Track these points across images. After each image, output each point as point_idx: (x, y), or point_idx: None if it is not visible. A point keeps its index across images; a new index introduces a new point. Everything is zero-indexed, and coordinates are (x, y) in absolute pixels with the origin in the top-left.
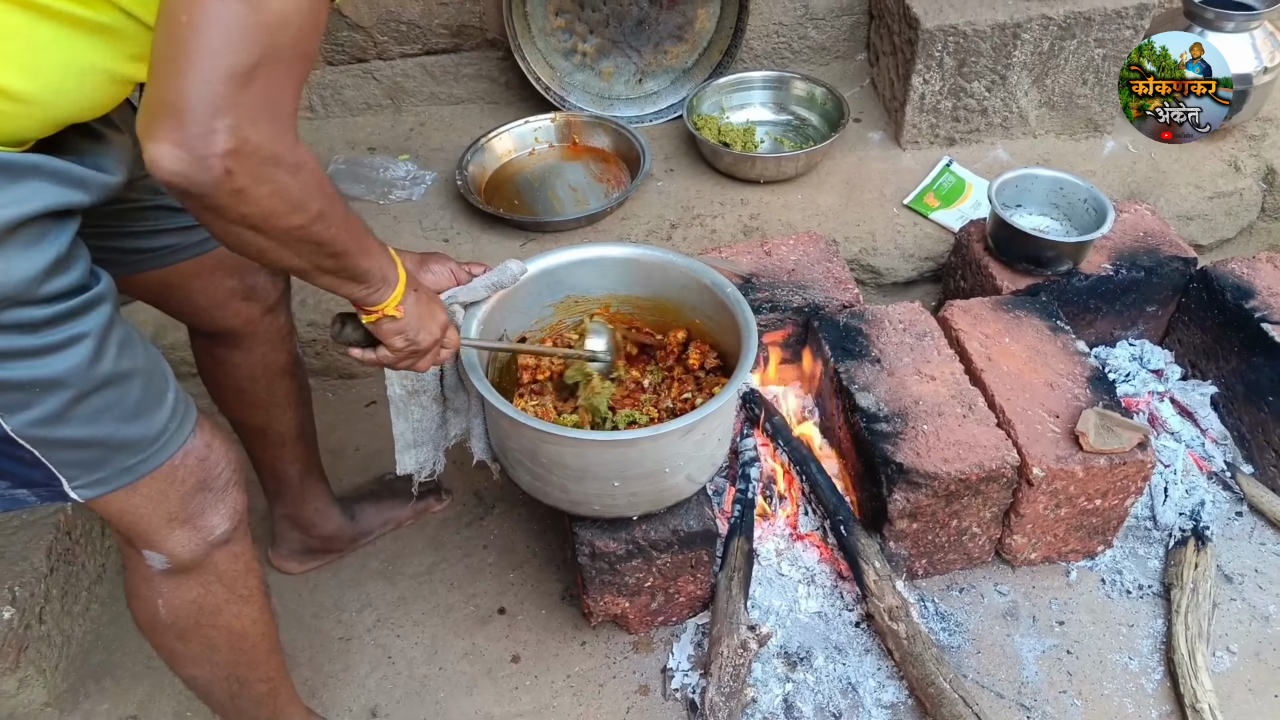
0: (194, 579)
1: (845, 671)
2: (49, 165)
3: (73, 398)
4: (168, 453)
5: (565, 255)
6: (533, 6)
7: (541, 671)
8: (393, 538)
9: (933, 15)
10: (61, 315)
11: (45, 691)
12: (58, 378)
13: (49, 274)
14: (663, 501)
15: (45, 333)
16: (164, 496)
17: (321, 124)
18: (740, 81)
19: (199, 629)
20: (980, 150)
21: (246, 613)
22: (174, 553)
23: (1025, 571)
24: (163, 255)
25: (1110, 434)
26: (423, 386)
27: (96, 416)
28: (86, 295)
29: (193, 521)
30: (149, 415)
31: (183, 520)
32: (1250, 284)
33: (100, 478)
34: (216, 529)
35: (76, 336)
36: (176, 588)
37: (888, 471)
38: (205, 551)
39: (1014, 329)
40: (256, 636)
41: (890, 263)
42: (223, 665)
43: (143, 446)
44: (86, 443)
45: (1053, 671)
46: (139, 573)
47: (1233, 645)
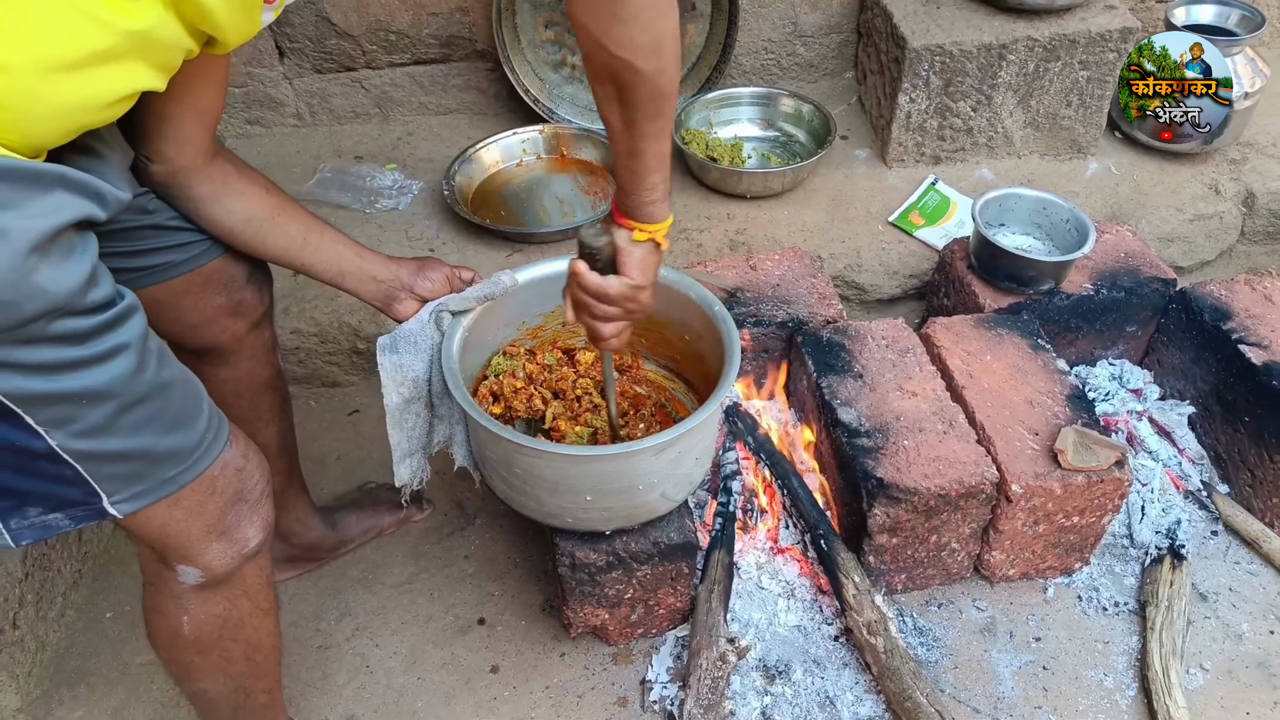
0: (223, 593)
1: (823, 685)
2: (72, 176)
3: (118, 408)
4: (206, 462)
5: (558, 265)
6: (523, 18)
7: (520, 682)
8: (373, 547)
9: (920, 35)
10: (105, 325)
11: (18, 697)
12: (104, 388)
13: (90, 284)
14: (637, 518)
15: (91, 343)
16: (203, 508)
17: (309, 131)
18: (728, 97)
19: (220, 643)
20: (965, 169)
21: (265, 625)
22: (210, 566)
23: (1003, 588)
24: (156, 273)
25: (1089, 452)
26: (417, 394)
27: (140, 427)
28: (121, 306)
29: (230, 534)
30: (188, 425)
31: (220, 532)
32: (1228, 306)
33: (141, 490)
34: (251, 541)
35: (120, 346)
36: (204, 603)
37: (868, 486)
38: (239, 564)
39: (995, 347)
40: (269, 648)
41: (874, 279)
42: (235, 677)
43: (183, 457)
44: (130, 455)
45: (1029, 687)
46: (167, 589)
47: (1206, 663)
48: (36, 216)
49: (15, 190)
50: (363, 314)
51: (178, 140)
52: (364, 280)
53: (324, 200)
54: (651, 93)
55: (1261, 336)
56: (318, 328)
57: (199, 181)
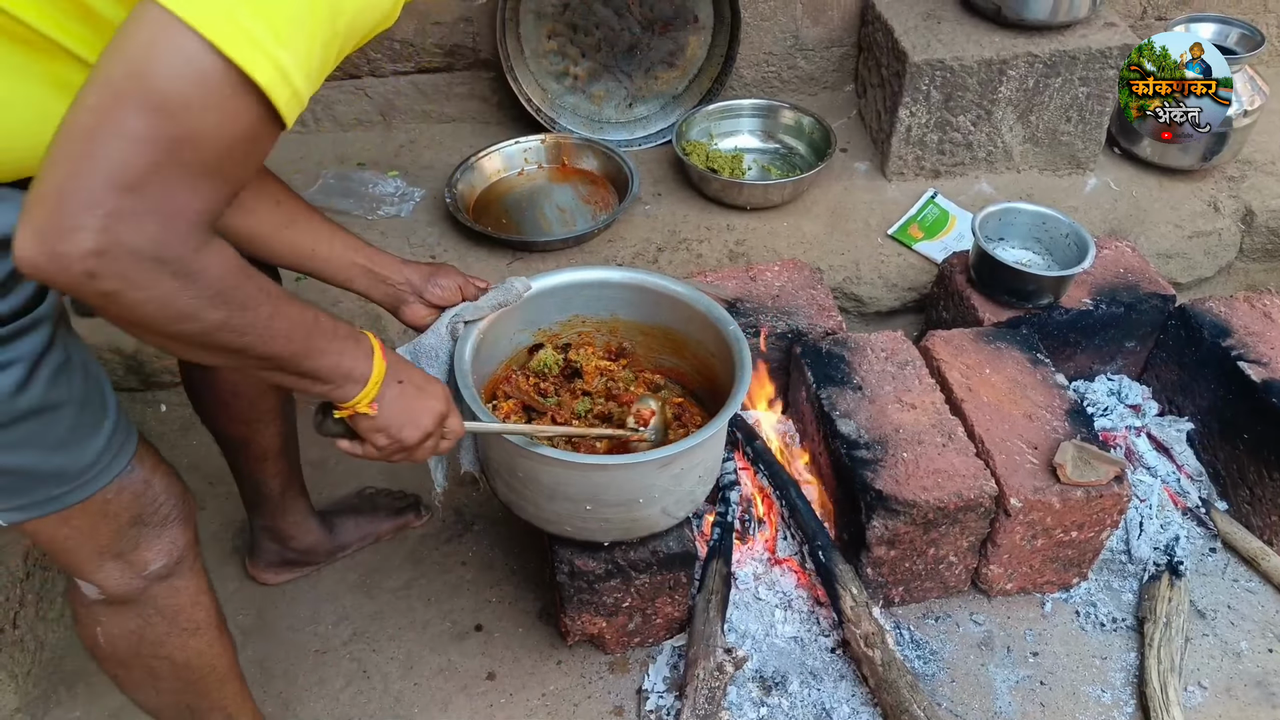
0: (131, 611)
1: (820, 697)
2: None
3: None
4: (97, 485)
5: (570, 274)
6: (526, 29)
7: (517, 689)
8: (371, 551)
9: (920, 49)
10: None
11: (16, 697)
12: None
13: None
14: (635, 531)
15: None
16: (94, 529)
17: (312, 138)
18: (729, 109)
19: (140, 658)
20: (964, 183)
21: (192, 645)
22: (105, 585)
23: (1001, 602)
24: None
25: (1088, 467)
26: None
27: (18, 446)
28: (23, 320)
29: (125, 556)
30: (79, 446)
31: (115, 554)
32: (1227, 323)
33: (22, 504)
34: (152, 564)
35: (4, 363)
36: (114, 617)
37: (867, 498)
38: (140, 586)
39: (995, 360)
40: (204, 668)
41: (874, 292)
42: (169, 693)
43: (69, 478)
44: (7, 470)
45: (1026, 702)
46: (78, 599)
47: (1204, 680)
48: None
49: None
50: (364, 319)
51: None
52: (372, 283)
53: (326, 206)
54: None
55: (1261, 354)
56: None
57: None
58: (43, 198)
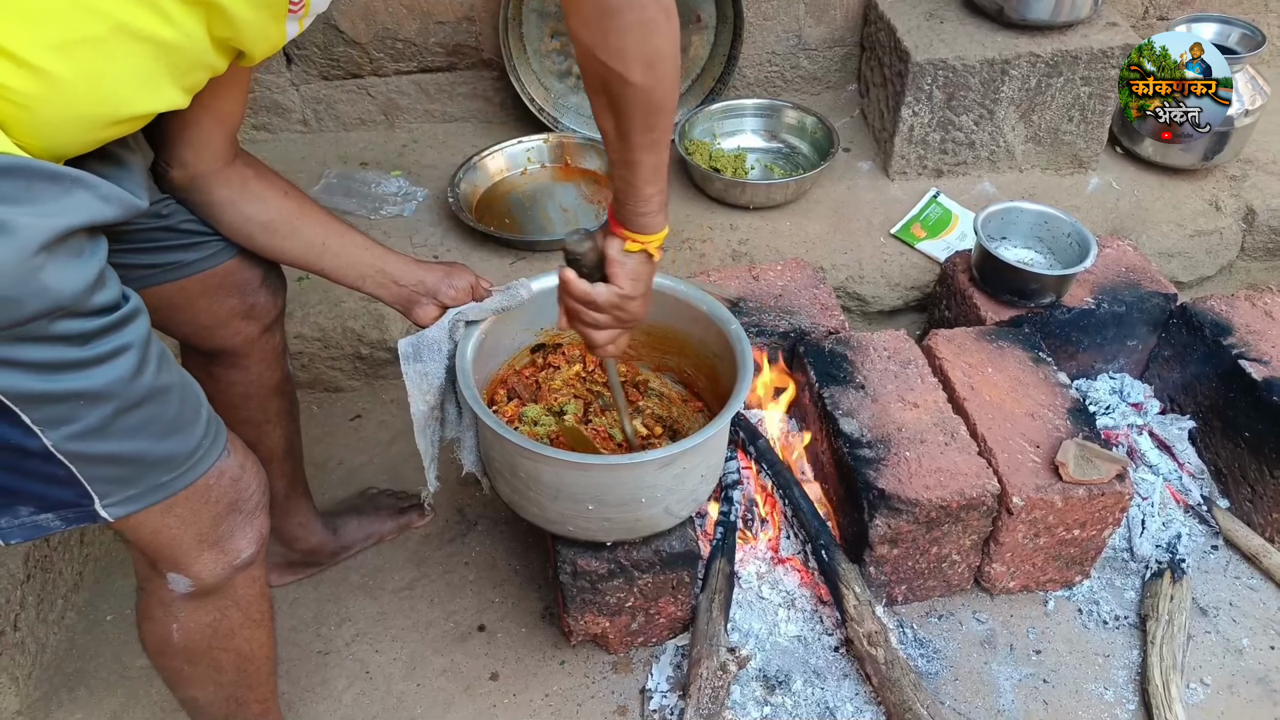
0: (213, 602)
1: (823, 696)
2: (90, 180)
3: (115, 411)
4: (201, 469)
5: None
6: (529, 28)
7: (520, 690)
8: (374, 553)
9: (923, 49)
10: (108, 327)
11: (17, 699)
12: (103, 390)
13: (96, 286)
14: (638, 531)
15: (92, 344)
16: (196, 516)
17: (314, 138)
18: (732, 108)
19: (210, 652)
20: (967, 183)
21: (257, 636)
22: (200, 575)
23: (1004, 600)
24: (168, 270)
25: (1090, 465)
26: (441, 402)
27: (136, 431)
28: (126, 309)
29: (222, 544)
30: (185, 431)
31: (213, 542)
32: (1229, 321)
33: (133, 494)
34: (243, 552)
35: (122, 348)
36: (194, 611)
37: (869, 497)
38: (230, 575)
39: (997, 359)
40: (262, 659)
41: (876, 291)
42: (226, 686)
43: (178, 463)
44: (124, 458)
45: (1029, 700)
46: (157, 596)
47: (1207, 678)
48: (48, 216)
49: (30, 188)
50: (366, 319)
51: (197, 145)
52: (384, 284)
53: (329, 206)
54: (645, 107)
55: (1262, 352)
56: (321, 333)
57: (217, 186)
58: None
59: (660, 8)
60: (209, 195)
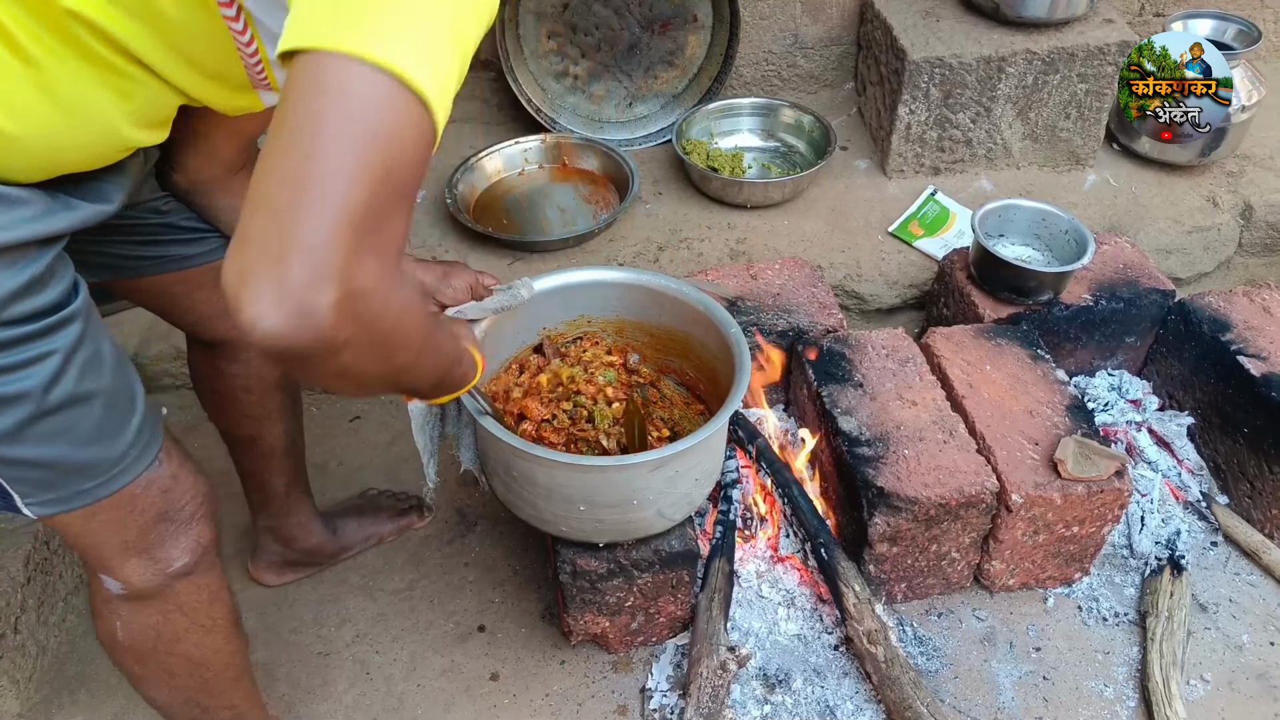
0: (153, 606)
1: (823, 694)
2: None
3: (28, 417)
4: (125, 479)
5: (574, 275)
6: (526, 29)
7: (520, 690)
8: (374, 553)
9: (920, 47)
10: (28, 336)
11: (18, 702)
12: (14, 396)
13: (18, 296)
14: (630, 533)
15: (9, 352)
16: (122, 524)
17: None
18: (729, 108)
19: (156, 654)
20: (964, 180)
21: (209, 642)
22: (129, 581)
23: (1003, 597)
24: (166, 262)
25: (1089, 462)
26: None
27: (52, 438)
28: (59, 315)
29: (150, 552)
30: (109, 440)
31: (140, 550)
32: (1227, 317)
33: (53, 498)
34: (176, 561)
35: (40, 356)
36: (135, 613)
37: (869, 495)
38: (164, 582)
39: (995, 357)
40: (219, 666)
41: (874, 289)
42: (182, 690)
43: (99, 471)
44: (40, 463)
45: (1029, 697)
46: (100, 594)
47: (1206, 674)
48: None
49: None
50: None
51: (206, 154)
52: None
53: None
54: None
55: (1260, 348)
56: None
57: (219, 194)
58: (268, 252)
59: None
60: (209, 200)
